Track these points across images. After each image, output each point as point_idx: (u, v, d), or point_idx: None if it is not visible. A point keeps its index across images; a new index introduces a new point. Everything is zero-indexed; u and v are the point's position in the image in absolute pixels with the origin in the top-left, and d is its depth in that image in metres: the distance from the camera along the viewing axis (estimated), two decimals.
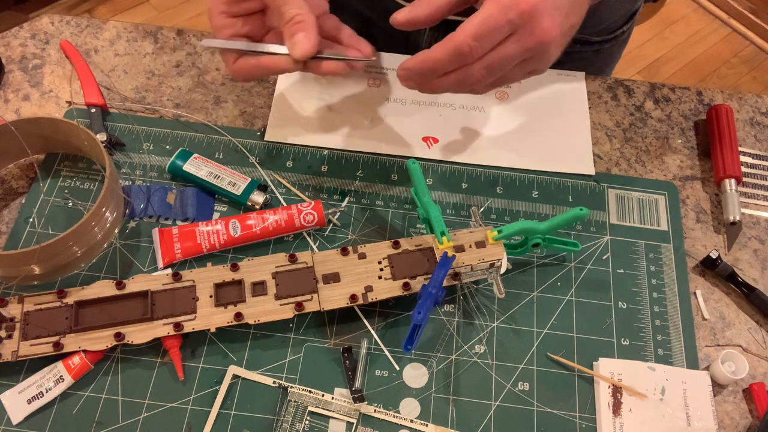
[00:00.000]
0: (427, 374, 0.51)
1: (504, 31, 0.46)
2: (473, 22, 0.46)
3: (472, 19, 0.46)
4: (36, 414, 0.48)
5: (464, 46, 0.45)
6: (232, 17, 0.52)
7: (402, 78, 0.50)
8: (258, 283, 0.51)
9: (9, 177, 0.58)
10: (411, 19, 0.51)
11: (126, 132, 0.61)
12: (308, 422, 0.48)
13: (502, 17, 0.45)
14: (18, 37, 0.67)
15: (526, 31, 0.46)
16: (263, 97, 0.65)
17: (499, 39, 0.46)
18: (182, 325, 0.49)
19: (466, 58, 0.46)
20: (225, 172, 0.58)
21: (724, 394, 0.52)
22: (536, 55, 0.47)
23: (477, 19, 0.46)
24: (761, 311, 0.55)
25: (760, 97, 0.69)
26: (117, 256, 0.54)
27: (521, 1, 0.45)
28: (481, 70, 0.47)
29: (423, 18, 0.51)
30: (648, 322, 0.54)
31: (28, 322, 0.49)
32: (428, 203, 0.54)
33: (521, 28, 0.46)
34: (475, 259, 0.52)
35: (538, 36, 0.46)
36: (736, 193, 0.60)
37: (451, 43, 0.46)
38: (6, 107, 0.63)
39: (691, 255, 0.58)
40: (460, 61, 0.46)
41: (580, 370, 0.52)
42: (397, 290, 0.51)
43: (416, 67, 0.48)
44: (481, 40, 0.45)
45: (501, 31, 0.45)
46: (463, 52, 0.46)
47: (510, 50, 0.46)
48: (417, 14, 0.50)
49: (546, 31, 0.46)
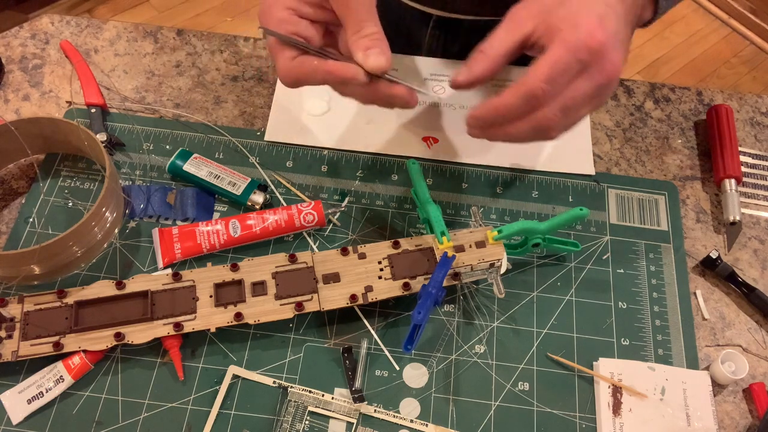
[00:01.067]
0: (427, 374, 0.51)
1: (574, 71, 0.45)
2: (544, 65, 0.45)
3: (542, 62, 0.45)
4: (36, 414, 0.48)
5: (537, 90, 0.45)
6: (298, 16, 0.49)
7: (471, 127, 0.49)
8: (258, 283, 0.51)
9: (9, 177, 0.58)
10: (470, 79, 0.51)
11: (126, 132, 0.61)
12: (308, 422, 0.48)
13: (572, 58, 0.45)
14: (18, 37, 0.67)
15: (596, 68, 0.46)
16: (263, 97, 0.65)
17: (570, 79, 0.46)
18: (182, 325, 0.49)
19: (539, 102, 0.45)
20: (225, 172, 0.58)
21: (724, 394, 0.52)
22: (605, 90, 0.47)
23: (547, 61, 0.45)
24: (761, 311, 0.55)
25: (760, 97, 0.69)
26: (117, 256, 0.54)
27: (590, 40, 0.45)
28: (556, 113, 0.46)
29: (482, 76, 0.50)
30: (648, 322, 0.54)
31: (28, 322, 0.49)
32: (428, 203, 0.54)
33: (591, 65, 0.46)
34: (475, 259, 0.52)
35: (608, 71, 0.46)
36: (736, 193, 0.60)
37: (523, 87, 0.45)
38: (6, 107, 0.63)
39: (691, 255, 0.58)
40: (533, 105, 0.46)
41: (580, 370, 0.52)
42: (397, 290, 0.51)
43: (487, 114, 0.47)
44: (553, 82, 0.45)
45: (571, 72, 0.45)
46: (536, 95, 0.45)
47: (582, 88, 0.46)
48: (475, 74, 0.50)
49: (615, 65, 0.46)
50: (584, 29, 0.45)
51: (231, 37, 0.69)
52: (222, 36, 0.69)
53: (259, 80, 0.66)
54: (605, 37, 0.45)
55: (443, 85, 0.66)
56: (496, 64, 0.50)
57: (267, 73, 0.67)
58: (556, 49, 0.45)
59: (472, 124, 0.49)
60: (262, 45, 0.68)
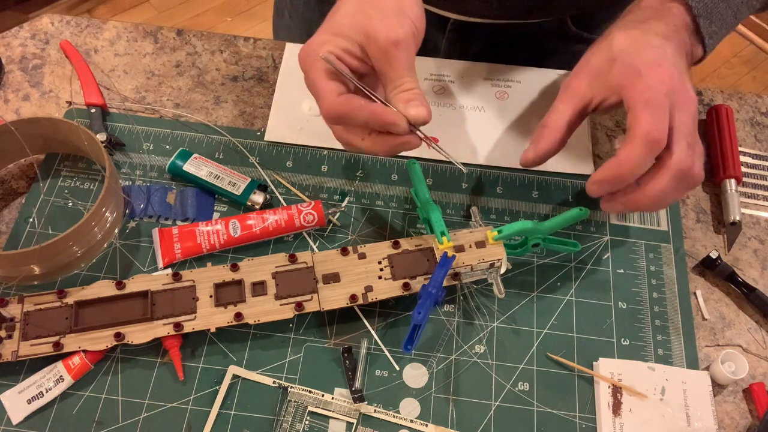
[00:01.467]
0: (427, 374, 0.51)
1: (667, 107, 0.47)
2: (639, 111, 0.47)
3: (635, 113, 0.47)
4: (36, 414, 0.48)
5: (653, 132, 0.46)
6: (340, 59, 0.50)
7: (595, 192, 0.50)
8: (258, 283, 0.51)
9: (9, 177, 0.58)
10: (538, 155, 0.53)
11: (126, 132, 0.61)
12: (308, 422, 0.48)
13: (659, 95, 0.47)
14: (18, 37, 0.67)
15: (679, 103, 0.47)
16: (263, 97, 0.65)
17: (668, 117, 0.47)
18: (182, 325, 0.49)
19: (659, 144, 0.46)
20: (225, 172, 0.58)
21: (724, 394, 0.52)
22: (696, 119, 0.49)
23: (640, 105, 0.47)
24: (761, 311, 0.55)
25: (760, 97, 0.69)
26: (117, 256, 0.54)
27: (661, 77, 0.47)
28: (683, 146, 0.47)
29: (549, 151, 0.52)
30: (648, 322, 0.54)
31: (28, 322, 0.49)
32: (428, 203, 0.54)
33: (676, 100, 0.47)
34: (475, 259, 0.52)
35: (689, 102, 0.48)
36: (736, 193, 0.60)
37: (637, 138, 0.46)
38: (6, 107, 0.63)
39: (691, 255, 0.58)
40: (655, 150, 0.47)
41: (580, 370, 0.52)
42: (397, 290, 0.51)
43: (609, 175, 0.48)
44: (659, 120, 0.46)
45: (666, 108, 0.47)
46: (654, 138, 0.46)
47: (687, 121, 0.48)
48: (542, 149, 0.52)
49: (690, 94, 0.48)
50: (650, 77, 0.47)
51: (231, 37, 0.69)
52: (222, 36, 0.69)
53: (259, 80, 0.66)
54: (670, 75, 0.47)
55: (443, 85, 0.66)
56: (560, 137, 0.52)
57: (267, 73, 0.67)
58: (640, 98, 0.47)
59: (597, 191, 0.50)
60: (262, 45, 0.69)
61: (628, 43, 0.50)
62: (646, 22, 0.51)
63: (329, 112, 0.48)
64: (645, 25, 0.51)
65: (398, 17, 0.49)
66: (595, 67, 0.51)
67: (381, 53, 0.48)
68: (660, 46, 0.49)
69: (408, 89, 0.49)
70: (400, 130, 0.48)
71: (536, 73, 0.67)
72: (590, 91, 0.51)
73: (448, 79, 0.66)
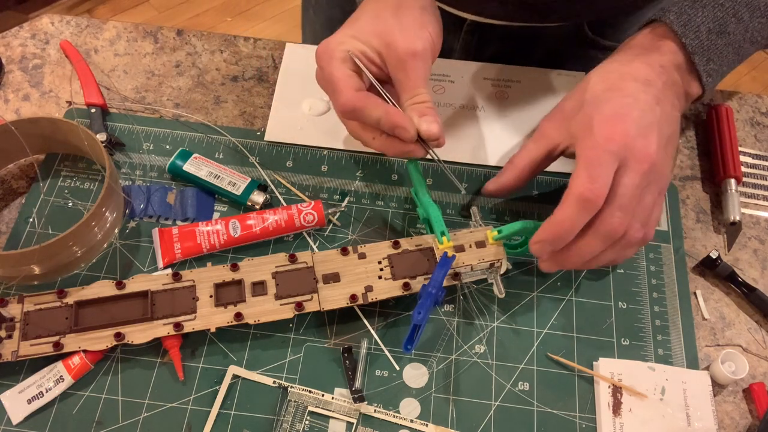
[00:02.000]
0: (427, 374, 0.51)
1: (611, 165, 0.46)
2: (579, 169, 0.46)
3: (577, 168, 0.47)
4: (36, 414, 0.48)
5: (585, 192, 0.45)
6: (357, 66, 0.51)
7: (537, 252, 0.49)
8: (258, 283, 0.51)
9: (9, 177, 0.59)
10: (498, 187, 0.54)
11: (126, 132, 0.61)
12: (308, 422, 0.48)
13: (603, 152, 0.46)
14: (18, 37, 0.67)
15: (631, 158, 0.46)
16: (263, 97, 0.65)
17: (611, 174, 0.46)
18: (182, 325, 0.49)
19: (593, 204, 0.45)
20: (225, 172, 0.58)
21: (724, 394, 0.52)
22: (654, 176, 0.48)
23: (580, 164, 0.47)
24: (761, 311, 0.55)
25: (760, 97, 0.69)
26: (117, 256, 0.54)
27: (612, 133, 0.46)
28: (616, 214, 0.46)
29: (509, 185, 0.54)
30: (648, 322, 0.54)
31: (28, 322, 0.49)
32: (428, 203, 0.54)
33: (626, 157, 0.46)
34: (475, 259, 0.52)
35: (643, 157, 0.46)
36: (736, 193, 0.60)
37: (571, 197, 0.46)
38: (6, 107, 0.63)
39: (691, 255, 0.58)
40: (589, 210, 0.46)
41: (580, 370, 0.52)
42: (397, 290, 0.51)
43: (547, 236, 0.48)
44: (596, 180, 0.45)
45: (609, 166, 0.46)
46: (587, 197, 0.45)
47: (629, 181, 0.46)
48: (502, 182, 0.54)
49: (647, 150, 0.47)
50: (599, 132, 0.47)
51: (231, 37, 0.69)
52: (222, 36, 0.69)
53: (259, 80, 0.66)
54: (624, 130, 0.46)
55: (443, 85, 0.66)
56: (523, 174, 0.53)
57: (267, 73, 0.67)
58: (583, 154, 0.47)
59: (538, 250, 0.49)
60: (262, 45, 0.69)
61: (600, 89, 0.50)
62: (629, 63, 0.51)
63: (346, 105, 0.49)
64: (626, 67, 0.50)
65: (418, 30, 0.50)
66: (567, 111, 0.51)
67: (399, 62, 0.50)
68: (632, 94, 0.48)
69: (422, 101, 0.50)
70: (407, 136, 0.50)
71: (536, 73, 0.67)
72: (558, 135, 0.51)
73: (448, 79, 0.66)
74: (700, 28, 0.50)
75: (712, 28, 0.51)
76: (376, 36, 0.51)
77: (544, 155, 0.53)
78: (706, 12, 0.51)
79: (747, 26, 0.52)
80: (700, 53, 0.51)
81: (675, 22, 0.51)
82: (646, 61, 0.50)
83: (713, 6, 0.51)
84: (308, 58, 0.67)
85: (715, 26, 0.51)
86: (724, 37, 0.51)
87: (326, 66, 0.51)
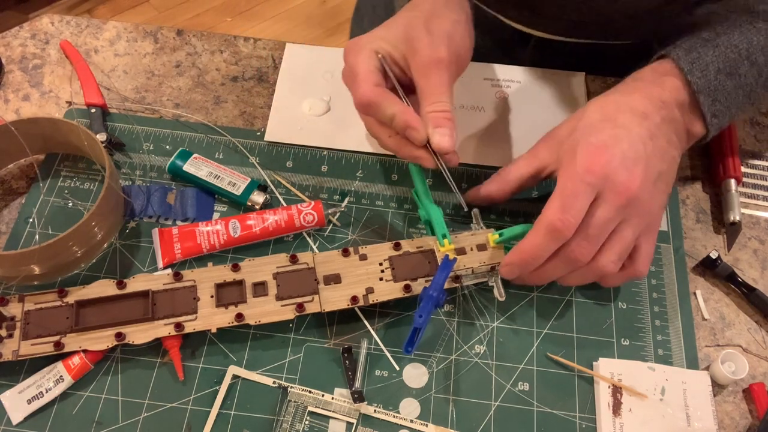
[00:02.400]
0: (427, 374, 0.51)
1: (587, 197, 0.46)
2: (554, 197, 0.47)
3: (552, 195, 0.47)
4: (36, 414, 0.48)
5: (555, 222, 0.46)
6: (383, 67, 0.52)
7: (506, 274, 0.50)
8: (259, 284, 0.51)
9: (9, 177, 0.58)
10: (482, 195, 0.54)
11: (126, 132, 0.61)
12: (308, 422, 0.48)
13: (579, 183, 0.46)
14: (18, 37, 0.67)
15: (608, 191, 0.46)
16: (263, 97, 0.65)
17: (585, 205, 0.46)
18: (183, 326, 0.49)
19: (561, 234, 0.46)
20: (225, 172, 0.58)
21: (724, 394, 0.52)
22: (632, 212, 0.47)
23: (556, 192, 0.47)
24: (761, 311, 0.55)
25: None
26: (117, 256, 0.54)
27: (592, 164, 0.46)
28: (582, 243, 0.47)
29: (493, 195, 0.54)
30: (648, 322, 0.54)
31: (28, 321, 0.49)
32: (429, 205, 0.54)
33: (603, 191, 0.46)
34: (476, 262, 0.52)
35: (622, 191, 0.46)
36: (736, 193, 0.60)
37: (541, 224, 0.46)
38: (6, 107, 0.63)
39: (691, 255, 0.58)
40: (557, 239, 0.46)
41: (580, 370, 0.52)
42: (398, 292, 0.51)
43: (516, 260, 0.48)
44: (568, 210, 0.45)
45: (584, 197, 0.46)
46: (556, 227, 0.46)
47: (601, 214, 0.46)
48: (487, 191, 0.54)
49: (627, 185, 0.46)
50: (581, 161, 0.47)
51: (231, 37, 0.69)
52: (222, 36, 0.69)
53: (259, 80, 0.66)
54: (606, 161, 0.46)
55: None
56: (508, 188, 0.54)
57: (267, 73, 0.67)
58: (562, 180, 0.47)
59: (508, 271, 0.50)
60: (262, 45, 0.69)
61: (595, 118, 0.49)
62: (629, 95, 0.50)
63: (363, 97, 0.50)
64: (626, 98, 0.50)
65: (446, 41, 0.51)
66: (560, 135, 0.51)
67: (422, 68, 0.51)
68: (624, 126, 0.48)
69: (441, 110, 0.50)
70: (417, 138, 0.50)
71: (536, 73, 0.67)
72: (548, 157, 0.51)
73: None
74: (708, 67, 0.50)
75: (721, 68, 0.50)
76: (403, 41, 0.52)
77: (532, 174, 0.53)
78: (717, 51, 0.50)
79: (761, 70, 0.51)
80: (706, 92, 0.50)
81: (683, 58, 0.50)
82: (646, 95, 0.50)
83: (726, 46, 0.50)
84: (308, 58, 0.67)
85: (726, 67, 0.50)
86: (734, 78, 0.50)
87: (352, 59, 0.52)
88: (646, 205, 0.48)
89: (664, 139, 0.49)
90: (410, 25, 0.52)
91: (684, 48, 0.51)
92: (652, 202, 0.48)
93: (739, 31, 0.51)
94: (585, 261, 0.48)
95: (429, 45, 0.50)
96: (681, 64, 0.50)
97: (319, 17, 1.97)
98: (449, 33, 0.52)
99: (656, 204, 0.49)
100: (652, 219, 0.49)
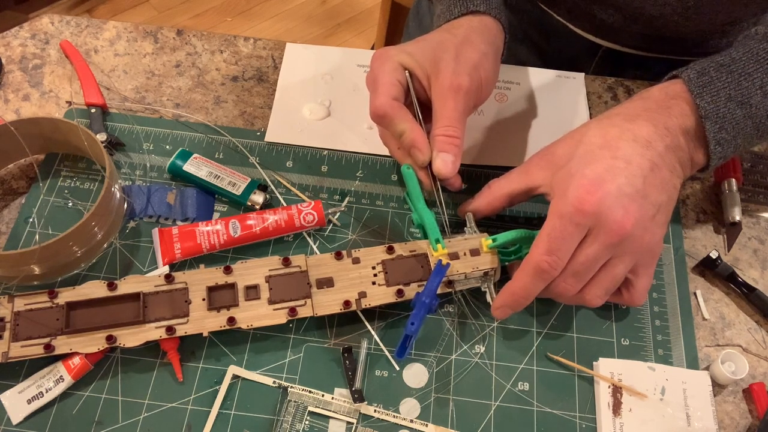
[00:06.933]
0: (427, 374, 0.51)
1: (576, 237, 0.45)
2: (541, 238, 0.46)
3: (540, 235, 0.46)
4: (36, 414, 0.48)
5: (542, 264, 0.45)
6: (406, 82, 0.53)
7: (499, 316, 0.51)
8: (251, 287, 0.51)
9: (9, 177, 0.58)
10: (471, 207, 0.54)
11: (126, 132, 0.61)
12: (308, 422, 0.48)
13: (568, 224, 0.45)
14: (18, 37, 0.67)
15: (600, 229, 0.45)
16: (263, 97, 0.65)
17: (573, 245, 0.46)
18: (175, 329, 0.48)
19: (549, 274, 0.46)
20: (225, 172, 0.58)
21: (724, 394, 0.52)
22: (624, 249, 0.46)
23: (544, 233, 0.46)
24: (761, 311, 0.55)
25: None
26: (117, 256, 0.54)
27: (584, 202, 0.45)
28: (569, 279, 0.47)
29: (481, 208, 0.54)
30: (648, 322, 0.54)
31: (18, 322, 0.48)
32: (423, 210, 0.53)
33: (594, 227, 0.45)
34: (470, 267, 0.52)
35: (615, 229, 0.45)
36: (736, 193, 0.60)
37: (528, 265, 0.46)
38: (6, 107, 0.63)
39: (691, 255, 0.58)
40: (545, 279, 0.46)
41: (580, 370, 0.52)
42: (391, 297, 0.51)
43: (507, 302, 0.49)
44: (555, 252, 0.45)
45: (572, 238, 0.45)
46: (543, 269, 0.46)
47: (590, 251, 0.46)
48: (475, 204, 0.54)
49: (620, 223, 0.45)
50: (573, 195, 0.45)
51: (231, 37, 0.69)
52: (222, 36, 0.69)
53: (259, 80, 0.66)
54: (599, 199, 0.45)
55: None
56: (498, 204, 0.53)
57: (267, 73, 0.67)
58: (550, 220, 0.46)
59: (501, 315, 0.50)
60: (262, 45, 0.69)
61: (595, 144, 0.47)
62: (633, 119, 0.48)
63: (379, 108, 0.51)
64: (629, 123, 0.48)
65: (470, 70, 0.51)
66: (557, 156, 0.49)
67: (442, 91, 0.51)
68: (624, 156, 0.46)
69: (450, 135, 0.51)
70: (418, 159, 0.52)
71: (535, 74, 0.67)
72: (541, 178, 0.50)
73: None
74: (719, 93, 0.47)
75: (733, 95, 0.47)
76: (430, 61, 0.52)
77: (523, 190, 0.51)
78: (731, 78, 0.47)
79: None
80: (713, 119, 0.47)
81: (694, 81, 0.48)
82: (651, 120, 0.48)
83: (740, 74, 0.48)
84: (308, 59, 0.67)
85: (737, 95, 0.47)
86: (744, 108, 0.47)
87: (377, 68, 0.53)
88: (640, 240, 0.46)
89: (666, 169, 0.47)
90: (440, 47, 0.52)
91: (696, 70, 0.49)
92: (648, 237, 0.47)
93: (756, 59, 0.48)
94: (571, 295, 0.48)
95: (453, 71, 0.51)
96: (691, 86, 0.48)
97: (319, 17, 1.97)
98: (476, 63, 0.52)
99: (653, 238, 0.47)
100: (649, 253, 0.48)
